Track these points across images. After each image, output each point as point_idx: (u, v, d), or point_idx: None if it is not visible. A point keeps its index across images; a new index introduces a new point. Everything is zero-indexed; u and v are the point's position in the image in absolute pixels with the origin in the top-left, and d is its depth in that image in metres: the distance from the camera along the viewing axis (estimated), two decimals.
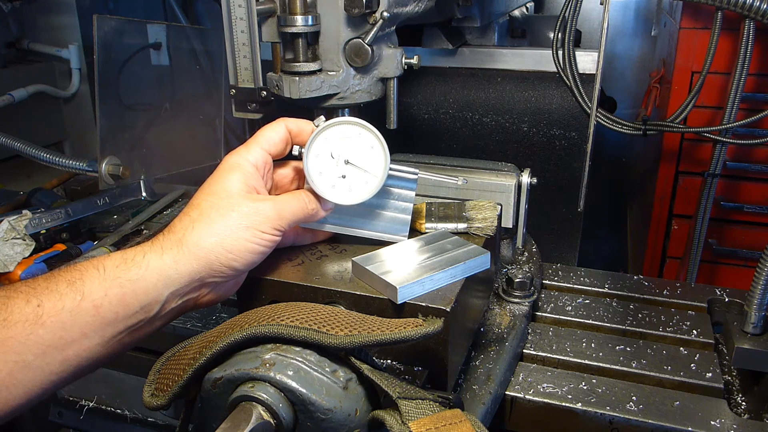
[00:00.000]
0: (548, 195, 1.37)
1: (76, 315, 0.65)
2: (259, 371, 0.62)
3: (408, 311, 0.77)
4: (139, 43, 2.01)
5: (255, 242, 0.73)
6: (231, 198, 0.73)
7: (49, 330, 0.63)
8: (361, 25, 0.91)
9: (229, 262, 0.72)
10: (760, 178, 1.46)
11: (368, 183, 0.83)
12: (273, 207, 0.75)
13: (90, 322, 0.65)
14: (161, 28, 2.06)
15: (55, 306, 0.64)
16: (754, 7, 1.17)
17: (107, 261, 0.69)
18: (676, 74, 1.46)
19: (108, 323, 0.67)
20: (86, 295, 0.66)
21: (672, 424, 0.83)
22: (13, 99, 1.81)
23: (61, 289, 0.65)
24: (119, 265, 0.68)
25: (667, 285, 1.14)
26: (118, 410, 1.17)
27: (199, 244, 0.71)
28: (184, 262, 0.70)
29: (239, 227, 0.72)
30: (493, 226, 0.95)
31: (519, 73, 1.39)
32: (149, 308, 0.69)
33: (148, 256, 0.69)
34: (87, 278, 0.67)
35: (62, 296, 0.65)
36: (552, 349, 0.98)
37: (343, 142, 0.82)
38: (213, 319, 1.05)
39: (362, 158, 0.82)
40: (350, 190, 0.83)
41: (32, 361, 0.63)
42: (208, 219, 0.72)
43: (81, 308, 0.65)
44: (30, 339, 0.62)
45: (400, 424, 0.61)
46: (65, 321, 0.64)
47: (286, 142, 0.81)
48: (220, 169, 0.77)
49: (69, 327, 0.64)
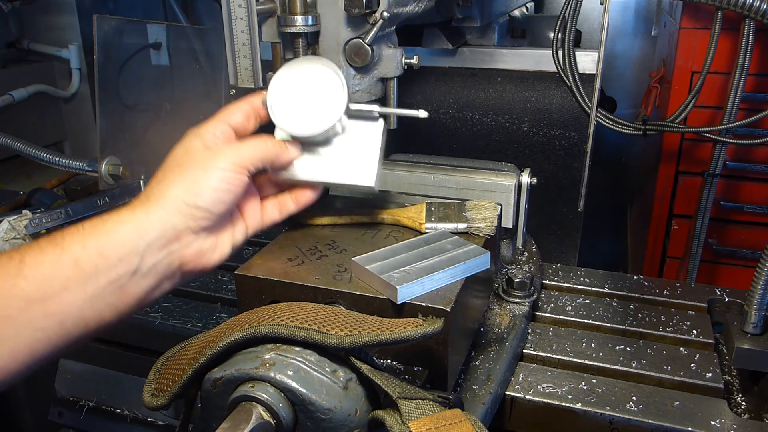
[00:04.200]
0: (548, 195, 1.37)
1: (57, 268, 0.66)
2: (259, 371, 0.62)
3: (408, 311, 0.77)
4: (139, 43, 2.01)
5: (216, 179, 0.75)
6: (192, 153, 0.77)
7: (31, 283, 0.65)
8: (361, 25, 0.91)
9: (194, 201, 0.73)
10: (760, 178, 1.46)
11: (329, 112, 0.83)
12: (231, 147, 0.78)
13: (70, 274, 0.67)
14: (161, 28, 2.06)
15: (36, 259, 0.66)
16: (754, 7, 1.17)
17: (85, 222, 0.71)
18: (676, 74, 1.46)
19: (88, 276, 0.67)
20: (66, 248, 0.67)
21: (672, 424, 0.83)
22: (13, 99, 1.81)
23: (42, 245, 0.67)
24: (96, 223, 0.71)
25: (667, 285, 1.14)
26: (118, 410, 1.17)
27: (164, 193, 0.74)
28: (154, 212, 0.72)
29: (199, 169, 0.75)
30: (493, 226, 0.95)
31: (519, 73, 1.39)
32: (129, 261, 0.70)
33: (122, 213, 0.72)
34: (67, 234, 0.69)
35: (43, 250, 0.67)
36: (552, 349, 0.98)
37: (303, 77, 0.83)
38: (213, 319, 1.06)
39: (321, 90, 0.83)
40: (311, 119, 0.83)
41: (16, 315, 0.64)
42: (169, 174, 0.75)
43: (61, 261, 0.67)
44: (12, 292, 0.64)
45: (400, 424, 0.61)
46: (46, 274, 0.66)
47: (248, 116, 0.83)
48: (182, 139, 0.80)
49: (50, 279, 0.66)
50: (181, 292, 1.14)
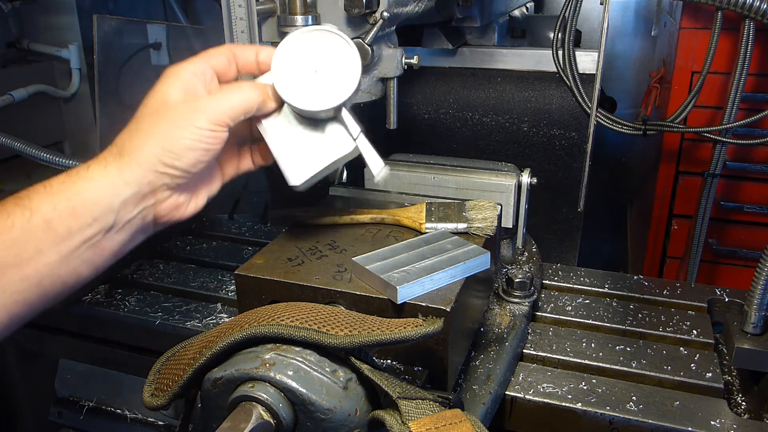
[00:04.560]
0: (548, 195, 1.37)
1: (28, 232, 0.65)
2: (259, 371, 0.62)
3: (408, 311, 0.77)
4: (139, 43, 2.01)
5: (195, 139, 0.71)
6: (168, 105, 0.72)
7: (2, 248, 0.64)
8: (361, 25, 0.91)
9: (171, 162, 0.70)
10: (760, 178, 1.46)
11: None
12: (210, 102, 0.72)
13: (43, 238, 0.65)
14: (161, 28, 2.06)
15: (4, 224, 0.64)
16: (754, 7, 1.17)
17: (52, 179, 0.68)
18: (676, 74, 1.46)
19: (62, 238, 0.66)
20: (35, 210, 0.65)
21: (672, 424, 0.83)
22: (13, 99, 1.81)
23: (8, 208, 0.65)
24: (64, 181, 0.68)
25: (667, 285, 1.14)
26: (118, 410, 1.17)
27: (139, 149, 0.70)
28: (128, 170, 0.69)
29: (175, 127, 0.70)
30: (493, 226, 0.95)
31: (519, 73, 1.39)
32: (103, 219, 0.68)
33: (92, 169, 0.69)
34: (34, 195, 0.67)
35: (10, 214, 0.65)
36: (552, 349, 0.98)
37: (312, 46, 0.78)
38: (213, 319, 1.06)
39: (333, 62, 0.77)
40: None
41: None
42: (145, 126, 0.71)
43: (32, 224, 0.65)
44: None
45: (400, 424, 0.61)
46: (17, 238, 0.64)
47: (230, 61, 0.78)
48: (159, 80, 0.75)
49: (22, 244, 0.64)
50: (181, 292, 1.14)
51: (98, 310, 1.09)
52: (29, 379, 1.32)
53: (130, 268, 1.23)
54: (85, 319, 1.11)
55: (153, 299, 1.11)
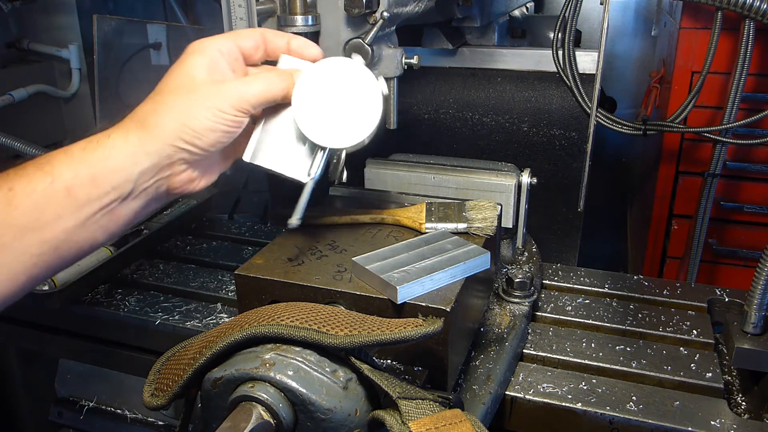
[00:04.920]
0: (548, 195, 1.37)
1: (49, 197, 0.66)
2: (259, 371, 0.62)
3: (408, 311, 0.77)
4: (139, 43, 2.01)
5: (217, 122, 0.72)
6: (194, 81, 0.72)
7: (23, 212, 0.64)
8: (361, 25, 0.91)
9: (192, 140, 0.71)
10: (760, 178, 1.46)
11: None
12: (235, 87, 0.73)
13: (63, 203, 0.66)
14: (161, 28, 2.06)
15: (25, 189, 0.65)
16: (754, 7, 1.17)
17: (73, 146, 0.69)
18: (676, 74, 1.46)
19: (81, 204, 0.67)
20: (56, 177, 0.66)
21: (672, 424, 0.83)
22: (13, 99, 1.81)
23: (30, 173, 0.66)
24: (85, 147, 0.69)
25: (667, 285, 1.14)
26: (118, 410, 1.17)
27: (161, 124, 0.70)
28: (150, 142, 0.70)
29: (200, 107, 0.71)
30: (493, 226, 0.95)
31: (519, 73, 1.39)
32: (121, 188, 0.69)
33: (113, 137, 0.70)
34: (55, 161, 0.67)
35: (32, 179, 0.66)
36: (552, 349, 0.98)
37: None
38: (213, 319, 1.06)
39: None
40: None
41: (10, 242, 0.64)
42: (171, 102, 0.71)
43: (53, 190, 0.66)
44: (5, 221, 0.64)
45: (400, 424, 0.61)
46: (38, 203, 0.65)
47: (257, 46, 0.78)
48: (184, 53, 0.75)
49: (43, 209, 0.65)
50: (181, 292, 1.14)
51: (98, 310, 1.09)
52: (29, 379, 1.32)
53: (130, 268, 1.23)
54: (85, 319, 1.11)
55: (153, 299, 1.11)
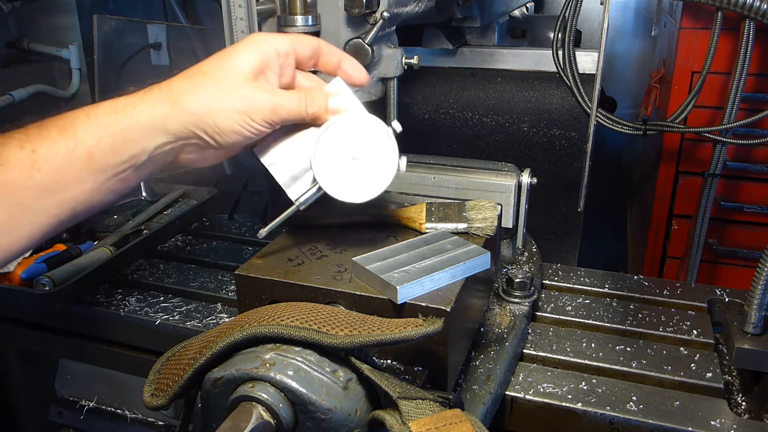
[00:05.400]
0: (548, 195, 1.37)
1: (70, 161, 0.68)
2: (259, 371, 0.62)
3: (408, 311, 0.77)
4: (139, 43, 2.01)
5: (243, 127, 0.74)
6: (236, 77, 0.74)
7: (45, 174, 0.66)
8: (361, 25, 0.91)
9: (213, 134, 0.73)
10: (760, 178, 1.46)
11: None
12: (271, 101, 0.75)
13: (83, 167, 0.68)
14: (161, 28, 2.06)
15: (49, 152, 0.67)
16: (754, 7, 1.18)
17: (98, 109, 0.71)
18: (676, 74, 1.46)
19: (100, 169, 0.69)
20: (79, 141, 0.68)
21: (672, 424, 0.83)
22: (13, 99, 1.81)
23: (53, 136, 0.68)
24: (110, 114, 0.70)
25: (667, 285, 1.14)
26: (118, 410, 1.17)
27: (191, 109, 0.72)
28: (173, 122, 0.72)
29: (232, 109, 0.73)
30: (493, 226, 0.95)
31: (519, 73, 1.39)
32: (137, 157, 0.71)
33: (139, 108, 0.71)
34: (79, 125, 0.69)
35: (55, 143, 0.67)
36: (552, 349, 0.98)
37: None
38: (213, 319, 1.06)
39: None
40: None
41: (31, 203, 0.66)
42: (207, 89, 0.73)
43: (74, 155, 0.68)
44: (28, 183, 0.66)
45: (400, 424, 0.61)
46: (60, 166, 0.67)
47: (315, 52, 0.80)
48: (240, 42, 0.77)
49: (64, 172, 0.67)
50: (181, 292, 1.14)
51: (98, 310, 1.09)
52: (29, 379, 1.32)
53: (130, 268, 1.23)
54: (85, 319, 1.11)
55: (153, 299, 1.11)
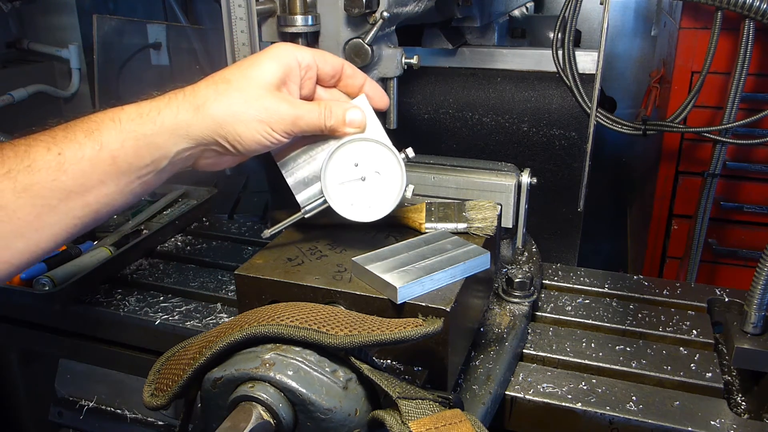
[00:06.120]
0: (548, 195, 1.37)
1: (95, 164, 0.70)
2: (259, 371, 0.62)
3: (408, 311, 0.77)
4: (139, 43, 2.01)
5: (264, 137, 0.77)
6: (259, 87, 0.76)
7: (71, 177, 0.69)
8: (361, 25, 0.91)
9: (234, 142, 0.76)
10: (760, 178, 1.46)
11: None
12: (292, 113, 0.77)
13: (107, 170, 0.71)
14: (161, 28, 2.06)
15: (75, 155, 0.69)
16: (754, 7, 1.17)
17: (123, 114, 0.73)
18: (676, 74, 1.46)
19: (123, 173, 0.72)
20: (104, 145, 0.70)
21: (672, 424, 0.83)
22: (13, 99, 1.81)
23: (79, 139, 0.70)
24: (134, 119, 0.73)
25: (667, 285, 1.14)
26: (118, 410, 1.17)
27: (215, 117, 0.74)
28: (196, 128, 0.74)
29: (254, 119, 0.75)
30: (493, 226, 0.95)
31: (519, 73, 1.39)
32: (159, 162, 0.74)
33: (163, 113, 0.73)
34: (104, 129, 0.71)
35: (81, 146, 0.70)
36: (552, 349, 0.98)
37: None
38: (213, 319, 1.06)
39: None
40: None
41: (57, 205, 0.69)
42: (231, 98, 0.75)
43: (99, 158, 0.70)
44: (54, 185, 0.68)
45: (400, 424, 0.61)
46: (85, 169, 0.69)
47: (336, 72, 0.84)
48: (265, 51, 0.79)
49: (89, 174, 0.70)
50: (181, 292, 1.14)
51: (98, 310, 1.09)
52: (29, 379, 1.31)
53: (130, 268, 1.23)
54: (85, 319, 1.11)
55: (153, 299, 1.11)
